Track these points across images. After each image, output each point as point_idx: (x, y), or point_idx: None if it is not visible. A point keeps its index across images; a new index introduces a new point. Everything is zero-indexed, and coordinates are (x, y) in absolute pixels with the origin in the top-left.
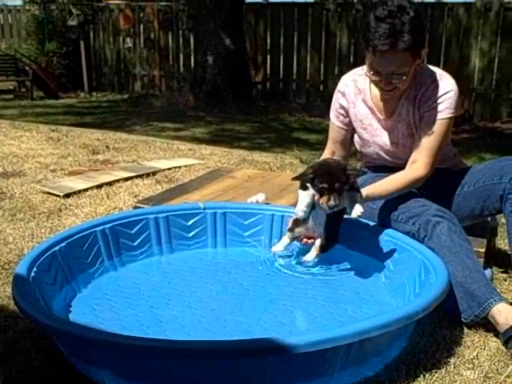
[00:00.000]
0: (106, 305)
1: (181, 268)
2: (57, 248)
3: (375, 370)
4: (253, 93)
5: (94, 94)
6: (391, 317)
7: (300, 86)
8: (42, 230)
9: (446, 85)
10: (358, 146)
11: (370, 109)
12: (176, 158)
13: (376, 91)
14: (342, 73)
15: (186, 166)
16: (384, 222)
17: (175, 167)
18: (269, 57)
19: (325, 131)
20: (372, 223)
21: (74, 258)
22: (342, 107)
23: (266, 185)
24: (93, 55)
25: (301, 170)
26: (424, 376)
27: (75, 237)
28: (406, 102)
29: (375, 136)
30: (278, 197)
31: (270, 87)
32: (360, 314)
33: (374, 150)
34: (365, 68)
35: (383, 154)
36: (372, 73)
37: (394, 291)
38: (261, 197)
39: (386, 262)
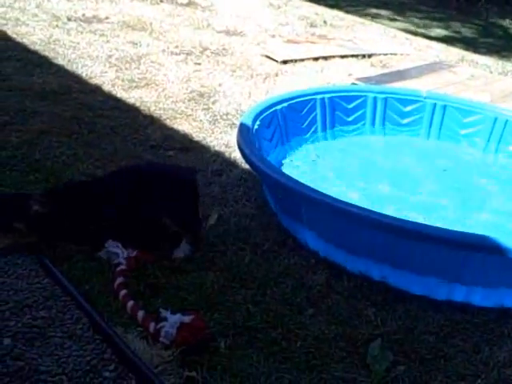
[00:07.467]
0: (314, 172)
1: (390, 151)
2: (279, 107)
3: None
4: None
5: None
6: None
7: None
8: (259, 91)
9: None
10: None
11: None
12: (392, 44)
13: None
14: None
15: (401, 54)
16: None
17: (391, 54)
18: None
19: None
20: None
21: (291, 121)
22: None
23: (488, 87)
24: None
25: None
26: None
27: (296, 100)
28: None
29: None
30: (500, 101)
31: None
32: None
33: None
34: None
35: None
36: None
37: None
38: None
39: None
